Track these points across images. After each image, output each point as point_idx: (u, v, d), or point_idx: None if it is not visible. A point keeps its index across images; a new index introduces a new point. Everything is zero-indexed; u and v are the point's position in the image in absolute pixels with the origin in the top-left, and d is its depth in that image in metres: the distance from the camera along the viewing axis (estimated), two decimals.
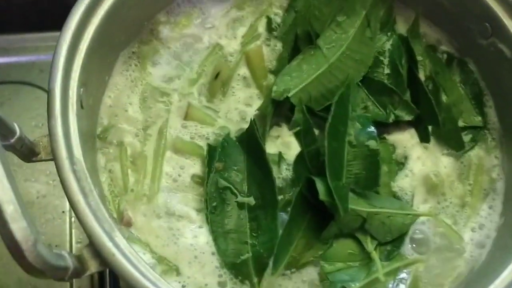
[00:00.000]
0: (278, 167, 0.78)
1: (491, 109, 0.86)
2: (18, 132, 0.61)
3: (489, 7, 0.80)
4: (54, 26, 0.90)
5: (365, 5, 0.84)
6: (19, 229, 0.48)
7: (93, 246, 0.59)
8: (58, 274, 0.54)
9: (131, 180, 0.75)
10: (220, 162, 0.75)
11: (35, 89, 1.12)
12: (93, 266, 0.60)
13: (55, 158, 0.61)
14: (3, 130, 0.57)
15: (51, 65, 0.66)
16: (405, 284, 0.74)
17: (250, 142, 0.77)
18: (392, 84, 0.84)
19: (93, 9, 0.71)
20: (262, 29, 0.88)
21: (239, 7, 0.88)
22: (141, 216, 0.73)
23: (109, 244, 0.59)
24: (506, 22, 0.79)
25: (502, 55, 0.81)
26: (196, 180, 0.76)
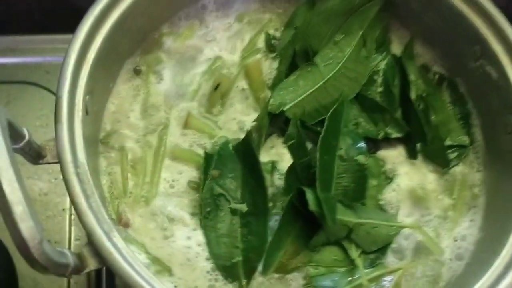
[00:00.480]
0: (271, 176, 0.81)
1: (477, 128, 0.88)
2: (27, 137, 0.65)
3: (479, 32, 0.83)
4: (61, 29, 0.94)
5: (362, 25, 0.86)
6: (27, 228, 0.52)
7: (93, 245, 0.63)
8: (60, 270, 0.58)
9: (130, 184, 0.79)
10: (216, 169, 0.78)
11: (40, 89, 1.14)
12: (92, 264, 0.64)
13: (60, 162, 0.65)
14: (13, 134, 0.60)
15: (60, 74, 0.70)
16: None
17: (245, 152, 0.80)
18: (384, 102, 0.86)
19: (101, 21, 0.75)
20: (262, 44, 0.90)
21: (241, 22, 0.91)
22: (139, 218, 0.77)
23: (107, 243, 0.62)
24: (494, 46, 0.82)
25: (489, 77, 0.83)
26: (192, 186, 0.80)
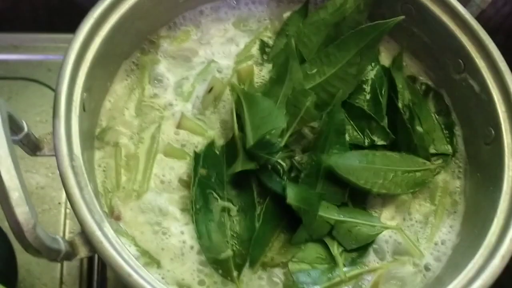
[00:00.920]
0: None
1: (459, 138, 0.92)
2: (26, 129, 0.68)
3: (463, 46, 0.87)
4: (64, 28, 0.97)
5: (358, 44, 0.86)
6: (22, 213, 0.55)
7: (84, 234, 0.66)
8: (52, 255, 0.61)
9: (123, 178, 0.81)
10: (203, 168, 0.81)
11: (42, 86, 1.17)
12: (82, 252, 0.67)
13: (56, 154, 0.68)
14: (13, 126, 0.64)
15: (59, 71, 0.73)
16: None
17: (231, 153, 0.83)
18: (371, 110, 0.88)
19: (101, 22, 0.78)
20: (255, 51, 0.94)
21: (237, 28, 0.95)
22: (130, 211, 0.79)
23: (98, 233, 0.65)
24: (477, 60, 0.86)
25: (472, 89, 0.87)
26: (183, 183, 0.82)
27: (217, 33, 0.94)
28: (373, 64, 0.92)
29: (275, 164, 0.82)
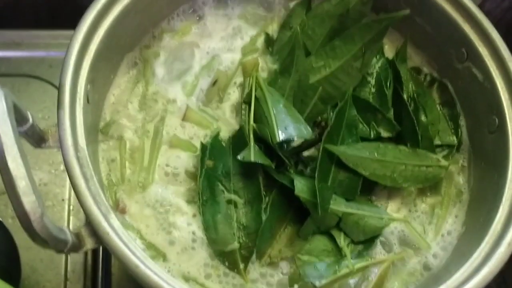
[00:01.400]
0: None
1: (463, 128, 0.91)
2: (31, 120, 0.68)
3: (466, 34, 0.87)
4: (65, 25, 0.97)
5: (364, 37, 0.87)
6: (29, 202, 0.55)
7: (90, 226, 0.66)
8: (58, 245, 0.61)
9: (128, 172, 0.81)
10: (210, 160, 0.81)
11: (44, 83, 1.16)
12: (89, 243, 0.67)
13: (61, 145, 0.68)
14: (18, 117, 0.63)
15: (63, 62, 0.73)
16: (371, 282, 0.80)
17: (238, 144, 0.82)
18: (377, 102, 0.88)
19: (103, 14, 0.78)
20: (260, 44, 0.93)
21: (242, 21, 0.95)
22: (135, 204, 0.79)
23: (104, 224, 0.65)
24: (480, 48, 0.86)
25: (475, 78, 0.87)
26: (189, 175, 0.82)
27: (219, 26, 0.94)
28: (377, 57, 0.92)
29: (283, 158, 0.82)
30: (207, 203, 0.79)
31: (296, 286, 0.78)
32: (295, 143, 0.83)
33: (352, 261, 0.80)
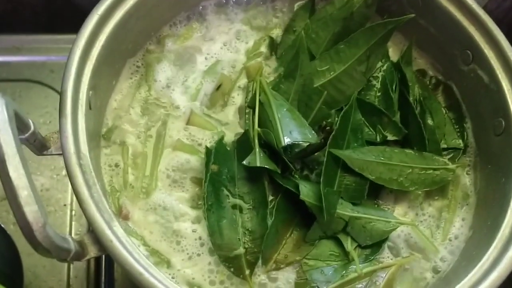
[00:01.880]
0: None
1: (469, 131, 0.91)
2: (32, 128, 0.67)
3: (471, 36, 0.86)
4: (65, 29, 0.97)
5: (368, 41, 0.87)
6: (31, 212, 0.54)
7: (94, 233, 0.65)
8: (61, 254, 0.60)
9: (130, 177, 0.80)
10: (215, 164, 0.80)
11: (45, 88, 1.16)
12: (92, 251, 0.66)
13: (63, 153, 0.67)
14: (19, 125, 0.63)
15: (65, 69, 0.72)
16: (379, 287, 0.79)
17: (242, 148, 0.82)
18: (383, 106, 0.87)
19: (105, 20, 0.77)
20: (264, 48, 0.93)
21: (245, 25, 0.94)
22: (138, 211, 0.78)
23: (108, 231, 0.65)
24: (485, 50, 0.85)
25: (481, 80, 0.86)
26: (193, 180, 0.82)
27: (222, 30, 0.93)
28: (383, 60, 0.92)
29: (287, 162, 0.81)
30: (212, 208, 0.78)
31: None
32: (300, 147, 0.82)
33: (359, 265, 0.79)
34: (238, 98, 0.89)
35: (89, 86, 0.74)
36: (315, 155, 0.84)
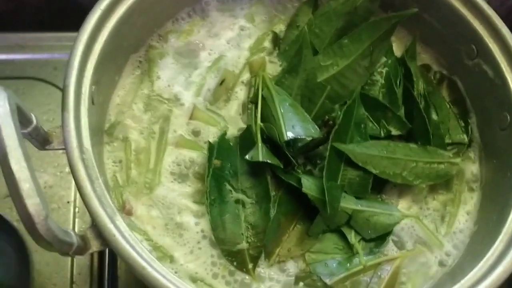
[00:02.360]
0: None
1: (473, 125, 0.91)
2: (35, 122, 0.67)
3: (475, 30, 0.86)
4: (68, 27, 0.96)
5: (372, 36, 0.87)
6: (33, 205, 0.54)
7: (96, 228, 0.65)
8: (63, 248, 0.60)
9: (134, 173, 0.80)
10: (217, 159, 0.80)
11: (48, 85, 1.16)
12: (95, 246, 0.66)
13: (66, 147, 0.67)
14: (22, 119, 0.63)
15: (67, 64, 0.72)
16: (383, 280, 0.79)
17: (245, 143, 0.82)
18: (387, 101, 0.87)
19: (107, 15, 0.77)
20: (268, 43, 0.93)
21: (249, 20, 0.94)
22: (142, 206, 0.78)
23: (110, 225, 0.64)
24: (490, 45, 0.85)
25: (485, 75, 0.86)
26: (196, 175, 0.81)
27: (225, 25, 0.93)
28: (387, 55, 0.91)
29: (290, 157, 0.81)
30: (215, 203, 0.78)
31: (301, 284, 0.78)
32: (303, 142, 0.81)
33: (364, 258, 0.79)
34: (241, 93, 0.88)
35: (92, 81, 0.74)
36: (318, 150, 0.83)
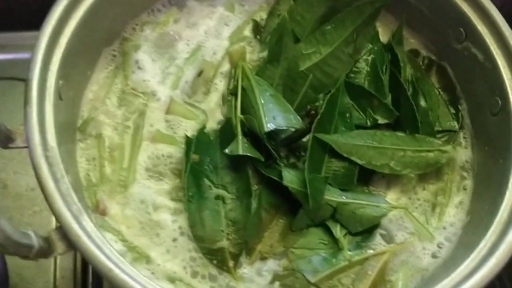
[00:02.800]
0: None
1: (464, 111, 0.88)
2: None
3: (463, 13, 0.83)
4: None
5: (355, 21, 0.85)
6: None
7: (61, 229, 0.62)
8: (21, 251, 0.57)
9: (108, 171, 0.78)
10: (196, 154, 0.78)
11: None
12: (60, 248, 0.63)
13: (28, 144, 0.64)
14: None
15: (31, 57, 0.69)
16: (371, 275, 0.76)
17: (225, 137, 0.79)
18: (372, 88, 0.85)
19: (74, 6, 0.74)
20: (248, 32, 0.90)
21: (228, 9, 0.91)
22: (116, 205, 0.76)
23: (75, 226, 0.62)
24: (479, 27, 0.82)
25: (475, 58, 0.83)
26: (174, 171, 0.79)
27: (204, 14, 0.90)
28: (373, 42, 0.89)
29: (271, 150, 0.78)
30: (193, 199, 0.76)
31: (277, 284, 0.75)
32: (285, 133, 0.79)
33: (350, 253, 0.76)
34: (221, 85, 0.86)
35: (59, 75, 0.71)
36: (303, 142, 0.81)
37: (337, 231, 0.77)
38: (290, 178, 0.74)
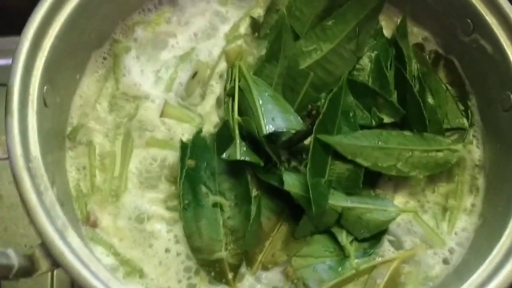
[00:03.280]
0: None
1: (474, 108, 0.86)
2: None
3: (471, 3, 0.80)
4: None
5: (357, 15, 0.83)
6: None
7: (45, 246, 0.59)
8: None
9: (98, 180, 0.75)
10: (191, 159, 0.75)
11: None
12: (44, 266, 0.60)
13: (9, 155, 0.61)
14: None
15: (12, 62, 0.66)
16: (380, 284, 0.74)
17: (222, 141, 0.76)
18: (377, 85, 0.83)
19: (58, 6, 0.71)
20: (245, 30, 0.87)
21: (223, 4, 0.88)
22: (108, 216, 0.73)
23: (59, 243, 0.59)
24: (487, 17, 0.79)
25: (484, 51, 0.81)
26: (169, 179, 0.76)
27: (197, 12, 0.87)
28: (376, 37, 0.86)
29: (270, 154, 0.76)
30: (189, 207, 0.73)
31: None
32: (286, 136, 0.76)
33: (356, 260, 0.74)
34: (217, 87, 0.83)
35: (43, 80, 0.68)
36: (304, 144, 0.79)
37: (343, 238, 0.75)
38: (291, 183, 0.72)
